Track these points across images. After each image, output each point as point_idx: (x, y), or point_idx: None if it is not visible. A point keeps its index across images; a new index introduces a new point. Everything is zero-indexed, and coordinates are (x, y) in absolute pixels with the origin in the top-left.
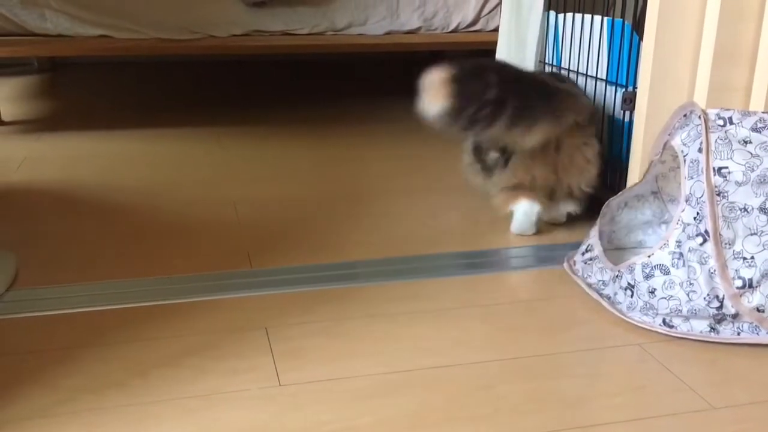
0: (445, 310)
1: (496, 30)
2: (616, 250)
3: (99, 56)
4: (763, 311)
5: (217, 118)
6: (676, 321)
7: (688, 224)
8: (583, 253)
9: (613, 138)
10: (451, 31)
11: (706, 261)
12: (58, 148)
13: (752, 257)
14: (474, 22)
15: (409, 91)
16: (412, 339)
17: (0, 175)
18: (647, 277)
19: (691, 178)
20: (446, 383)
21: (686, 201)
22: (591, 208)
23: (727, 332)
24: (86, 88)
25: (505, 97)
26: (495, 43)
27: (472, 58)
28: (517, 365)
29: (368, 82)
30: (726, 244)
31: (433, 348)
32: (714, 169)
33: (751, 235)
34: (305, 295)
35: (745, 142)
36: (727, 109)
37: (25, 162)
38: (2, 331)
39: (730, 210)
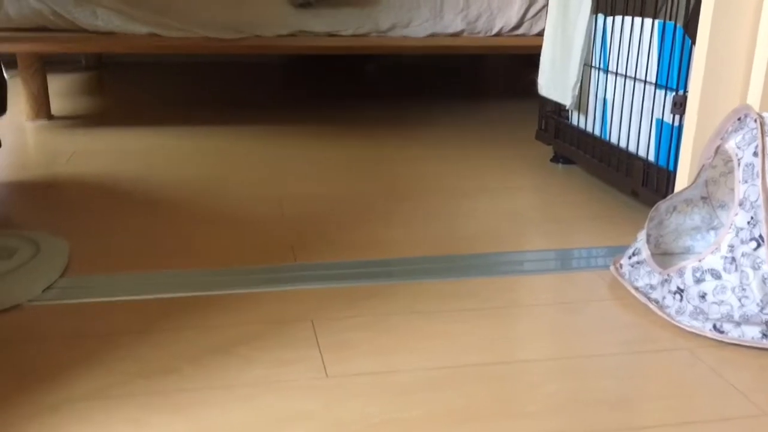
0: (490, 309)
1: (539, 34)
2: (662, 255)
3: (146, 54)
4: None
5: (261, 117)
6: (726, 326)
7: (742, 228)
8: (630, 257)
9: (662, 142)
10: (495, 35)
11: (759, 266)
12: (106, 143)
13: None
14: (517, 26)
15: (452, 93)
16: (456, 336)
17: (50, 167)
18: (698, 281)
19: (746, 182)
20: (492, 380)
21: (740, 205)
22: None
23: None
24: (132, 86)
25: None
26: (538, 47)
27: None
28: (563, 365)
29: (413, 83)
30: None
31: (478, 345)
32: None
33: None
34: (350, 290)
35: None
36: None
37: (75, 155)
38: (57, 316)
39: None
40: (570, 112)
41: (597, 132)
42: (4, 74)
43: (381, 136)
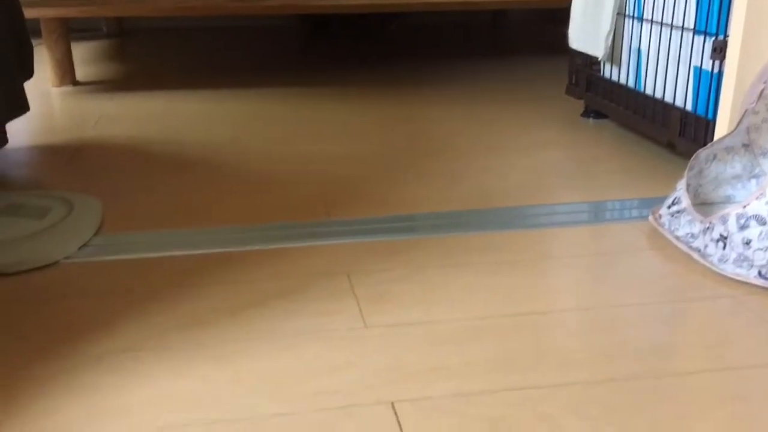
0: (525, 261)
1: None
2: (701, 205)
3: (167, 19)
4: None
5: (284, 80)
6: None
7: None
8: (669, 206)
9: (700, 90)
10: None
11: None
12: (132, 107)
13: None
14: None
15: (476, 52)
16: (492, 287)
17: (78, 131)
18: (742, 228)
19: None
20: (532, 330)
21: None
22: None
23: None
24: (154, 53)
25: None
26: (565, 0)
27: None
28: (602, 314)
29: (436, 42)
30: None
31: (515, 296)
32: None
33: None
34: (384, 244)
35: None
36: None
37: (101, 119)
38: (93, 272)
39: None
40: (602, 64)
41: (631, 84)
42: (30, 38)
43: (404, 96)
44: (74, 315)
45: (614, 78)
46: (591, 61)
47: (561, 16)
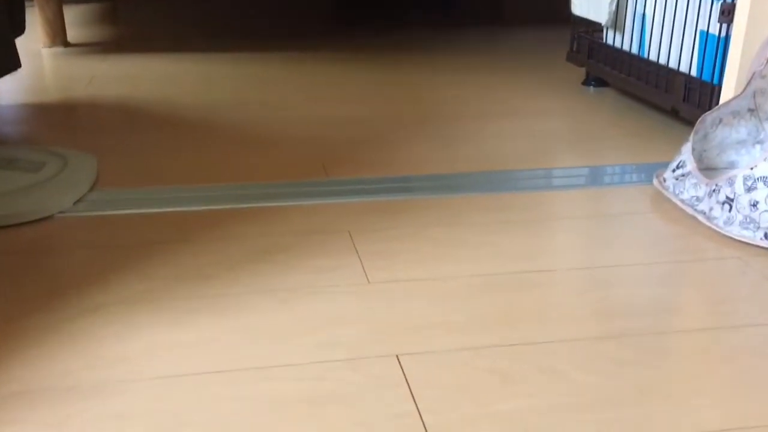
0: (530, 222)
1: None
2: (705, 170)
3: None
4: None
5: (285, 44)
6: None
7: None
8: (674, 170)
9: (705, 55)
10: None
11: None
12: (125, 69)
13: None
14: None
15: (477, 21)
16: (497, 246)
17: (70, 90)
18: (749, 189)
19: None
20: (536, 287)
21: None
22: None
23: None
24: (146, 17)
25: None
26: None
27: None
28: (606, 273)
29: (434, 12)
30: None
31: (519, 254)
32: None
33: None
34: (385, 203)
35: None
36: None
37: (94, 80)
38: (89, 227)
39: None
40: (605, 30)
41: (634, 50)
42: None
43: (404, 63)
44: (70, 268)
45: (617, 44)
46: (593, 28)
47: None
